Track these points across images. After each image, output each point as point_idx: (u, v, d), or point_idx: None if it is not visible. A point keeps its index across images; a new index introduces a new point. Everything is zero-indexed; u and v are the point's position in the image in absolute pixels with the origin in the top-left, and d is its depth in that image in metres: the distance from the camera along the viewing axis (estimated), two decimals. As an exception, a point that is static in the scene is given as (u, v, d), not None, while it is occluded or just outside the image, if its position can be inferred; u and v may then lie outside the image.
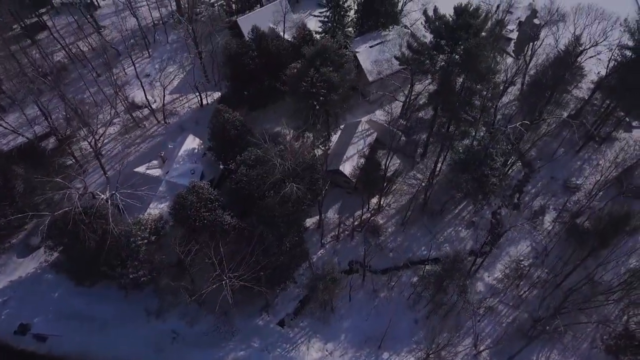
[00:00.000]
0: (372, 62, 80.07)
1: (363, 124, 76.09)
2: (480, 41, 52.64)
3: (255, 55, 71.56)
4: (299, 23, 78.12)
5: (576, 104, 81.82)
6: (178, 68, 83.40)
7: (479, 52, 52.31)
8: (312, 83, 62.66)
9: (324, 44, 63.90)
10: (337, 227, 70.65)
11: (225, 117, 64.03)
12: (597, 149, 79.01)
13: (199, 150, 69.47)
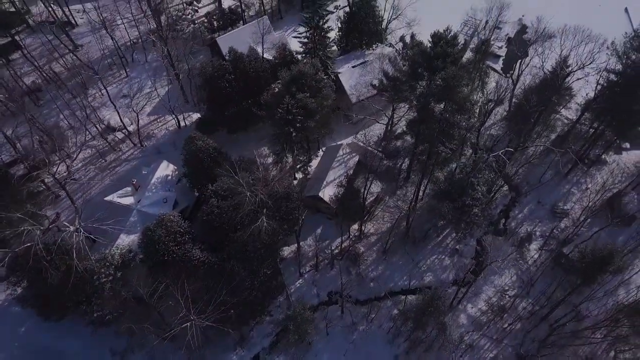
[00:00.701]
0: (354, 82, 78.12)
1: (344, 147, 73.97)
2: (457, 72, 50.43)
3: (232, 78, 69.41)
4: (279, 44, 75.97)
5: (564, 126, 79.80)
6: (156, 88, 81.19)
7: (455, 82, 50.13)
8: (287, 110, 60.64)
9: (301, 69, 61.79)
10: (316, 254, 68.44)
11: (198, 144, 61.88)
12: (585, 172, 76.79)
13: (173, 177, 67.32)
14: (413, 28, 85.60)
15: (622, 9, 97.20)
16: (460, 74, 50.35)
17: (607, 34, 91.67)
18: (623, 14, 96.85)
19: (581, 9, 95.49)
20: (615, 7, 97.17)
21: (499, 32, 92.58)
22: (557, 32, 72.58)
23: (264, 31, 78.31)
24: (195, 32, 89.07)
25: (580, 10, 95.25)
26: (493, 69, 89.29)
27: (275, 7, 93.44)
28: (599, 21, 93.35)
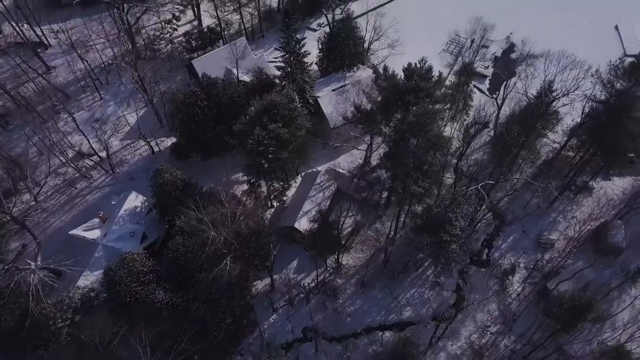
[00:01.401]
0: (334, 107, 75.62)
1: (322, 174, 71.57)
2: (429, 108, 48.02)
3: (204, 105, 67.04)
4: (255, 67, 73.61)
5: (550, 152, 77.31)
6: (126, 114, 78.70)
7: (427, 120, 47.71)
8: (258, 141, 58.30)
9: (273, 99, 59.48)
10: (292, 288, 66.02)
11: (165, 177, 59.53)
12: (572, 199, 74.32)
13: (143, 208, 64.90)
14: (396, 49, 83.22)
15: (612, 26, 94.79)
16: (432, 110, 47.92)
17: (597, 52, 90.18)
18: (613, 32, 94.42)
19: (571, 26, 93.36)
20: (605, 24, 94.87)
21: (485, 51, 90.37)
22: (541, 56, 70.32)
23: (241, 53, 76.07)
24: (173, 52, 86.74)
25: (570, 27, 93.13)
26: (479, 89, 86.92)
27: (257, 25, 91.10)
28: (589, 38, 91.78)
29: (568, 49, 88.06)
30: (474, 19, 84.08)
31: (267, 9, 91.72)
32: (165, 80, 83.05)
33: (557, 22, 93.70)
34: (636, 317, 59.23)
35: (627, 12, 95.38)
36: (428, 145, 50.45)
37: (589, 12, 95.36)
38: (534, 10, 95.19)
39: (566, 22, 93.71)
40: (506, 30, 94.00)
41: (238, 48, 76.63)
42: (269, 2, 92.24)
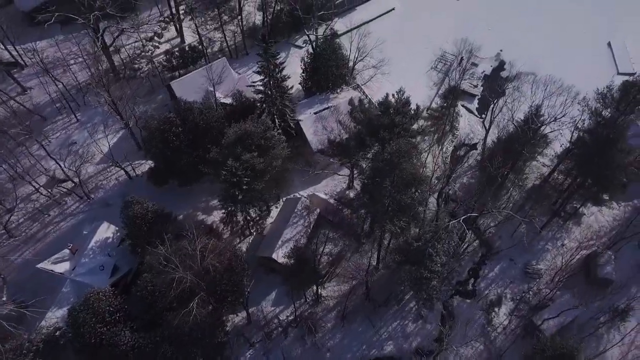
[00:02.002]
0: (316, 130, 73.36)
1: (304, 200, 69.33)
2: (403, 147, 45.76)
3: (180, 131, 64.80)
4: (234, 90, 71.47)
5: (539, 177, 75.05)
6: (109, 133, 76.47)
7: (401, 159, 45.45)
8: (232, 172, 56.08)
9: (247, 128, 57.29)
10: (270, 321, 63.79)
11: (134, 210, 57.30)
12: (562, 226, 72.03)
13: (114, 239, 62.63)
14: (381, 69, 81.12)
15: (605, 43, 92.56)
16: (407, 148, 45.65)
17: (590, 70, 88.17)
18: (606, 49, 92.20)
19: (563, 43, 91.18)
20: (598, 40, 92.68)
21: (474, 70, 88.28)
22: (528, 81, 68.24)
23: (221, 75, 74.02)
24: (154, 71, 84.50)
25: (562, 43, 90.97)
26: (468, 109, 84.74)
27: (240, 42, 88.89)
28: (581, 55, 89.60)
29: (560, 66, 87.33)
30: (459, 40, 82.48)
31: (251, 26, 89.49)
32: (143, 101, 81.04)
33: (549, 38, 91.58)
34: (626, 357, 56.95)
35: (620, 29, 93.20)
36: (404, 183, 48.20)
37: (582, 28, 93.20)
38: (526, 27, 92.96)
39: (558, 38, 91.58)
40: (496, 47, 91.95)
41: (218, 69, 74.83)
42: (253, 19, 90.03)
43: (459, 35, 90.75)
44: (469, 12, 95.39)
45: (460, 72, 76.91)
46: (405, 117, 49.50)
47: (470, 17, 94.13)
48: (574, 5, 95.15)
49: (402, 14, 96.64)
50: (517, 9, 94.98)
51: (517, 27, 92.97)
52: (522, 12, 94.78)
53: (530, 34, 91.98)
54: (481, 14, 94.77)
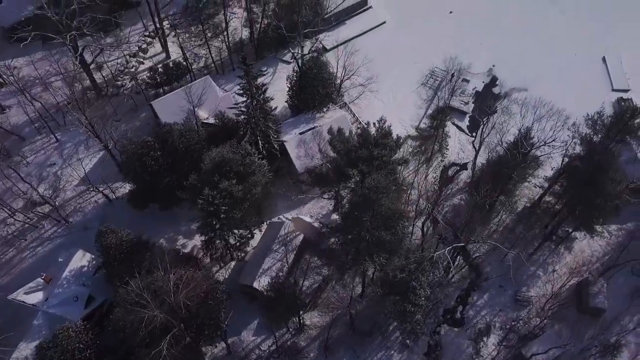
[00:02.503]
0: (302, 151, 71.35)
1: (287, 225, 67.35)
2: (380, 182, 43.74)
3: (158, 155, 62.92)
4: (216, 111, 69.62)
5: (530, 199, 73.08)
6: (89, 154, 74.66)
7: (378, 195, 43.48)
8: (208, 202, 54.17)
9: (224, 156, 55.34)
10: (251, 352, 61.88)
11: (108, 241, 55.39)
12: (553, 250, 70.04)
13: (90, 267, 60.70)
14: (369, 86, 79.31)
15: (599, 58, 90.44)
16: (385, 184, 43.68)
17: (584, 85, 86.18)
18: (601, 64, 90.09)
19: (557, 58, 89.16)
20: (592, 55, 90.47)
21: (465, 85, 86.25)
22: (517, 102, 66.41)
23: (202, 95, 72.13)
24: (136, 88, 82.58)
25: (555, 58, 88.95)
26: (458, 127, 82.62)
27: (226, 58, 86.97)
28: (575, 70, 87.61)
29: (553, 81, 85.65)
30: (450, 57, 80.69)
31: (238, 42, 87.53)
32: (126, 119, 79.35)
33: (543, 52, 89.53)
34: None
35: (615, 43, 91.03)
36: (383, 219, 46.24)
37: (576, 41, 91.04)
38: (519, 41, 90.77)
39: (552, 52, 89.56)
40: (488, 62, 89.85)
41: (200, 88, 72.91)
42: (240, 34, 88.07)
43: (450, 50, 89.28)
44: (462, 25, 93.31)
45: (450, 89, 75.12)
46: (384, 149, 47.68)
47: (463, 31, 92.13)
48: (568, 18, 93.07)
49: (392, 27, 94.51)
50: (510, 23, 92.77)
51: (510, 42, 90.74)
52: (516, 26, 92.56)
53: (524, 48, 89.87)
54: (473, 27, 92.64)
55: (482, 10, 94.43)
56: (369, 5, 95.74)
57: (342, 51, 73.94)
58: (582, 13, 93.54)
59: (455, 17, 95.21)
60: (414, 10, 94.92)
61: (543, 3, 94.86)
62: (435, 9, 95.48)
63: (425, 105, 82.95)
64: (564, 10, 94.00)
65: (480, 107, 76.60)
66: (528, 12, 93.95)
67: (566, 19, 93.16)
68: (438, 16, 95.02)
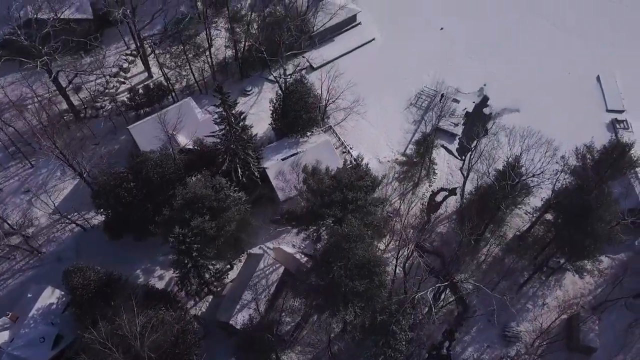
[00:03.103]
0: (284, 178, 68.96)
1: (267, 257, 64.91)
2: (352, 231, 41.28)
3: (132, 186, 60.56)
4: (195, 137, 67.27)
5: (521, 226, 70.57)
6: (65, 180, 72.30)
7: (350, 245, 41.00)
8: (179, 240, 51.77)
9: (196, 192, 52.88)
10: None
11: (74, 282, 52.98)
12: (544, 282, 67.52)
13: (59, 304, 58.28)
14: (356, 109, 76.94)
15: (594, 76, 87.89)
16: (357, 232, 41.18)
17: (578, 106, 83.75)
18: (595, 83, 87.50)
19: (550, 76, 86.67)
20: (586, 74, 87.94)
21: (455, 106, 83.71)
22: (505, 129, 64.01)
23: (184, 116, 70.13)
24: (117, 110, 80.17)
25: (548, 77, 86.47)
26: (448, 150, 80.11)
27: (209, 77, 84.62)
28: (569, 89, 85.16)
29: (546, 101, 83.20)
30: (439, 78, 78.42)
31: (222, 61, 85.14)
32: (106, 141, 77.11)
33: (536, 71, 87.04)
34: None
35: (610, 62, 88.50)
36: (358, 267, 43.77)
37: (570, 59, 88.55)
38: (510, 58, 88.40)
39: (545, 71, 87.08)
40: (479, 81, 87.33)
41: (179, 113, 70.83)
42: (224, 54, 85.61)
43: (441, 67, 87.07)
44: (453, 42, 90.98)
45: (438, 112, 72.67)
46: (360, 192, 45.24)
47: (454, 48, 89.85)
48: (562, 36, 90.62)
49: (382, 44, 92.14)
50: (502, 40, 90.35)
51: (502, 59, 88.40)
52: (508, 43, 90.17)
53: (516, 66, 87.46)
54: (465, 44, 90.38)
55: (474, 26, 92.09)
56: (357, 21, 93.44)
57: (325, 75, 71.56)
58: (576, 31, 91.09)
59: (446, 33, 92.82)
60: (404, 27, 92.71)
61: (535, 19, 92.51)
62: (426, 25, 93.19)
63: (414, 128, 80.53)
64: (559, 27, 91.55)
65: (468, 134, 74.15)
66: (520, 29, 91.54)
67: (560, 36, 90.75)
68: (429, 33, 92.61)
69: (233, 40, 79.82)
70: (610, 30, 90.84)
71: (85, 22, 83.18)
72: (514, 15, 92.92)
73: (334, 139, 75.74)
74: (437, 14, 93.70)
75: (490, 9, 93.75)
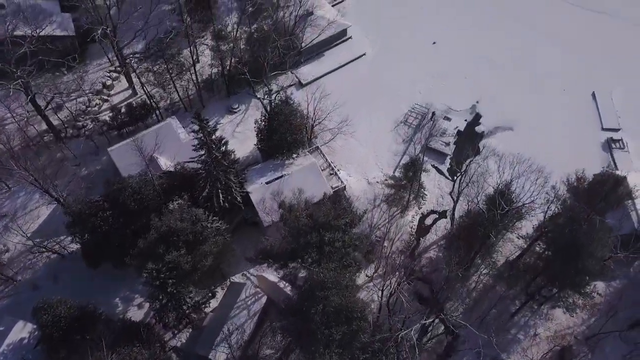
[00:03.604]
0: (268, 202, 66.70)
1: (249, 287, 62.85)
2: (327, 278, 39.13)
3: (108, 215, 58.49)
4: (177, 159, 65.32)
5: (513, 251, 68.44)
6: (43, 204, 70.23)
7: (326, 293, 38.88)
8: (153, 276, 49.68)
9: (171, 225, 50.76)
10: None
11: (43, 319, 50.87)
12: (536, 311, 65.32)
13: (31, 339, 56.14)
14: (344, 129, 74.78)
15: (589, 93, 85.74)
16: (333, 279, 39.07)
17: (572, 124, 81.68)
18: (590, 100, 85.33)
19: (544, 93, 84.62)
20: (581, 91, 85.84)
21: (447, 125, 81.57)
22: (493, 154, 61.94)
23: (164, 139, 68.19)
24: (99, 129, 78.12)
25: (543, 94, 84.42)
26: (438, 170, 77.96)
27: (195, 95, 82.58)
28: (563, 107, 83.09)
29: (541, 119, 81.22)
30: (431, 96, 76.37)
31: (207, 78, 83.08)
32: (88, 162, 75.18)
33: (530, 87, 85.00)
34: None
35: (606, 78, 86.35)
36: (335, 313, 41.64)
37: (565, 75, 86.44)
38: (504, 74, 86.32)
39: (540, 87, 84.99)
40: (472, 98, 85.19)
41: (161, 134, 68.94)
42: (210, 71, 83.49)
43: (433, 83, 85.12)
44: (445, 57, 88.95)
45: (428, 132, 70.71)
46: (337, 232, 43.15)
47: (446, 63, 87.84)
48: (557, 51, 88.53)
49: (373, 59, 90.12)
50: (496, 55, 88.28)
51: (495, 75, 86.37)
52: (501, 58, 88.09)
53: (510, 81, 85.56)
54: (458, 59, 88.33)
55: (467, 41, 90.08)
56: (348, 36, 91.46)
57: (311, 97, 69.53)
58: (571, 46, 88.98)
59: (438, 48, 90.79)
60: (395, 41, 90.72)
61: (529, 33, 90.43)
62: (418, 39, 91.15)
63: (403, 148, 78.41)
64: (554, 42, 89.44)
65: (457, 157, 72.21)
66: (513, 43, 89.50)
67: (555, 51, 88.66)
68: (421, 47, 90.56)
69: (218, 58, 77.66)
70: (606, 45, 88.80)
71: (68, 38, 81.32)
72: (507, 30, 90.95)
73: (321, 159, 73.57)
74: (430, 28, 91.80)
75: (483, 24, 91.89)
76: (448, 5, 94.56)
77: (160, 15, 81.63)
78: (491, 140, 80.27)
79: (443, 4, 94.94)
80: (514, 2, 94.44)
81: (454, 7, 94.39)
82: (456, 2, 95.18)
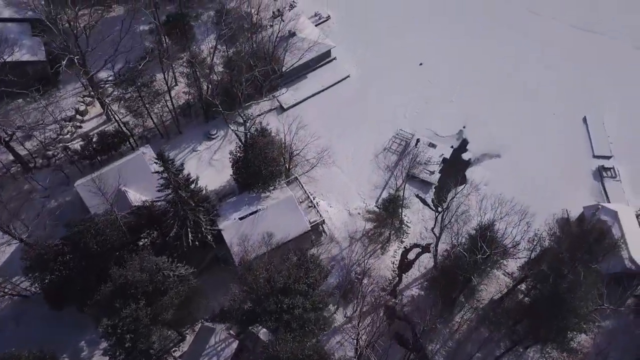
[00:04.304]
0: (242, 239, 63.71)
1: (219, 332, 59.70)
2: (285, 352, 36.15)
3: (69, 259, 55.51)
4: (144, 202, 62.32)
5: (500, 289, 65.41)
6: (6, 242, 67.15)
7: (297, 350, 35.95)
8: (108, 332, 46.66)
9: (128, 277, 47.74)
10: None
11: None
12: (521, 354, 62.25)
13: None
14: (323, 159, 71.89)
15: (580, 118, 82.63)
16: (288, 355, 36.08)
17: (562, 150, 78.73)
18: (581, 125, 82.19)
19: (535, 117, 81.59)
20: (572, 115, 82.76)
21: (432, 152, 78.57)
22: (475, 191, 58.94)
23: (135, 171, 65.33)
24: (71, 158, 75.10)
25: (533, 118, 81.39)
26: (423, 201, 74.84)
27: (171, 122, 79.56)
28: (553, 132, 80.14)
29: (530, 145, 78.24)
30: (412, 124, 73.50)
31: (184, 103, 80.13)
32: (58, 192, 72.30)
33: (518, 111, 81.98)
34: None
35: (597, 102, 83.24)
36: None
37: (556, 99, 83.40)
38: (492, 97, 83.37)
39: (529, 111, 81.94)
40: (459, 121, 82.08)
41: (130, 167, 66.07)
42: (187, 97, 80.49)
43: (418, 107, 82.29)
44: (432, 79, 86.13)
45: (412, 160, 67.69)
46: (297, 298, 40.07)
47: (433, 85, 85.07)
48: (547, 74, 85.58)
49: (357, 80, 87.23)
50: (483, 79, 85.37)
51: (482, 99, 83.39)
52: (489, 82, 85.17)
53: (498, 105, 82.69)
54: (445, 81, 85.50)
55: (454, 62, 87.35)
56: (332, 57, 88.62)
57: (287, 128, 66.60)
58: (561, 69, 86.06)
59: (425, 70, 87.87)
60: (381, 62, 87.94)
61: (519, 55, 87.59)
62: (404, 60, 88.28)
63: (386, 178, 75.40)
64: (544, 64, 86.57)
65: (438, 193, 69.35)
66: (503, 65, 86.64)
67: (545, 74, 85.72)
68: (407, 68, 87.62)
69: (197, 85, 74.60)
70: (597, 69, 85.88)
71: (39, 63, 78.43)
72: (496, 52, 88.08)
73: (299, 191, 70.60)
74: (417, 49, 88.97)
75: (471, 46, 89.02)
76: (439, 14, 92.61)
77: (133, 38, 78.64)
78: (478, 168, 77.46)
79: (434, 12, 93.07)
80: (505, 17, 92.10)
81: (445, 15, 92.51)
82: (448, 11, 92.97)
